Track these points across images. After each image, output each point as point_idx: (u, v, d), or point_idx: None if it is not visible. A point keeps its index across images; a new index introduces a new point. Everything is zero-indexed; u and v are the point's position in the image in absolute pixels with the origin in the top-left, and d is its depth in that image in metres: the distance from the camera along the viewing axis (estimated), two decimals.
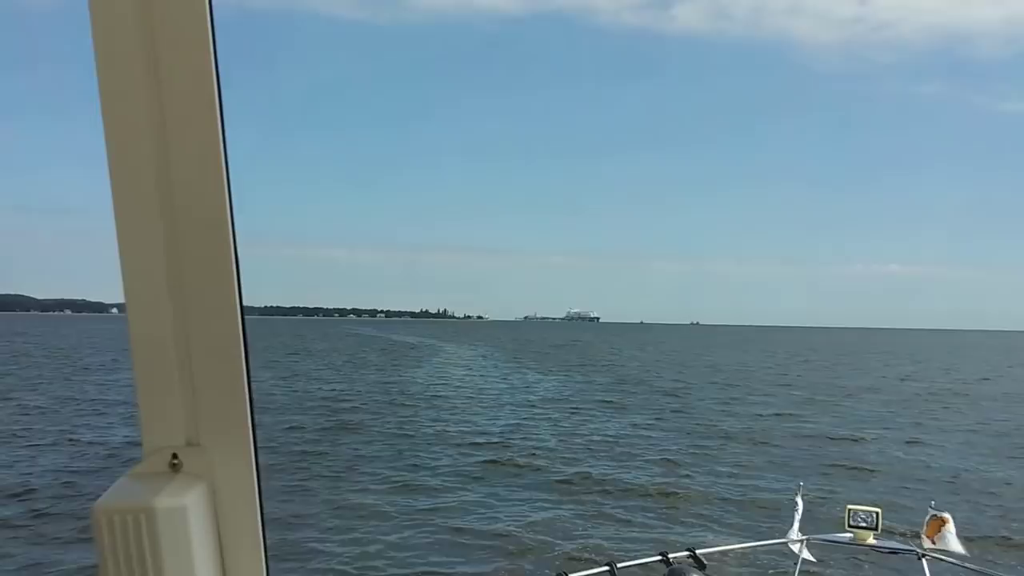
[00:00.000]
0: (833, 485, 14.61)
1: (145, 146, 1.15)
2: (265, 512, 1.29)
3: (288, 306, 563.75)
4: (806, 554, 4.96)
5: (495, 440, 19.33)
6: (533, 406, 27.26)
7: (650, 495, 13.84)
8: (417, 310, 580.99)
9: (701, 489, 14.34)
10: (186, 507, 1.17)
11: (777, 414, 25.79)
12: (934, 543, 4.67)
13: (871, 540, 4.75)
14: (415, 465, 16.15)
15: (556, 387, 35.43)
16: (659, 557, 4.33)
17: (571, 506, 13.01)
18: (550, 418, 23.91)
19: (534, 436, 20.16)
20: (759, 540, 6.26)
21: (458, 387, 34.35)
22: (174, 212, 1.17)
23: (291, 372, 41.38)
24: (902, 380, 43.23)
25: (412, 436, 19.87)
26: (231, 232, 1.20)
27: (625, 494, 13.90)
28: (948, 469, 16.88)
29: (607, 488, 14.31)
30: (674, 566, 4.10)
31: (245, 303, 1.23)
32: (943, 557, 4.65)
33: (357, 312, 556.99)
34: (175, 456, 1.23)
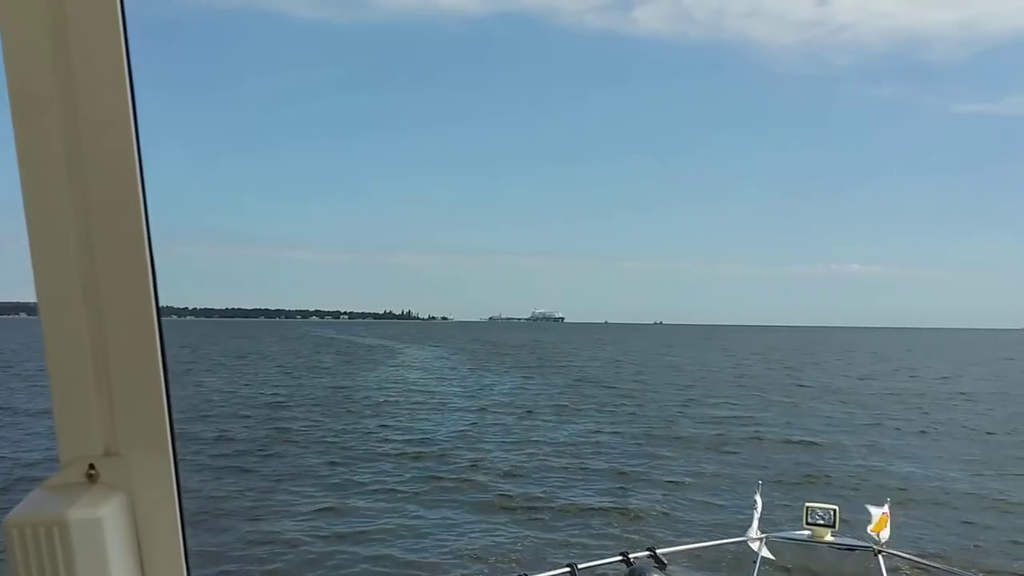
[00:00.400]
0: (783, 491, 13.87)
1: (55, 146, 1.13)
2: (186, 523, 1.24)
3: (250, 308, 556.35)
4: (765, 552, 5.01)
5: (437, 451, 18.28)
6: (484, 410, 26.35)
7: (596, 513, 12.88)
8: (381, 311, 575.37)
9: (647, 506, 13.37)
10: (102, 519, 1.14)
11: (733, 416, 25.17)
12: (879, 537, 4.79)
13: (828, 537, 4.83)
14: (346, 482, 14.93)
15: (510, 390, 34.54)
16: (620, 557, 4.34)
17: (510, 528, 11.97)
18: (499, 424, 23.01)
19: (478, 446, 19.13)
20: (719, 539, 6.32)
21: (408, 391, 33.20)
22: (88, 215, 1.15)
23: (238, 377, 39.93)
24: (861, 379, 43.14)
25: (349, 447, 18.73)
26: (146, 235, 1.18)
27: (569, 514, 12.83)
28: (897, 473, 16.43)
29: (551, 506, 13.27)
30: (635, 566, 4.12)
31: (202, 305, 0.87)
32: (898, 553, 4.78)
33: (320, 314, 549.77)
34: (92, 466, 1.20)
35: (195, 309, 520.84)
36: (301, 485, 14.51)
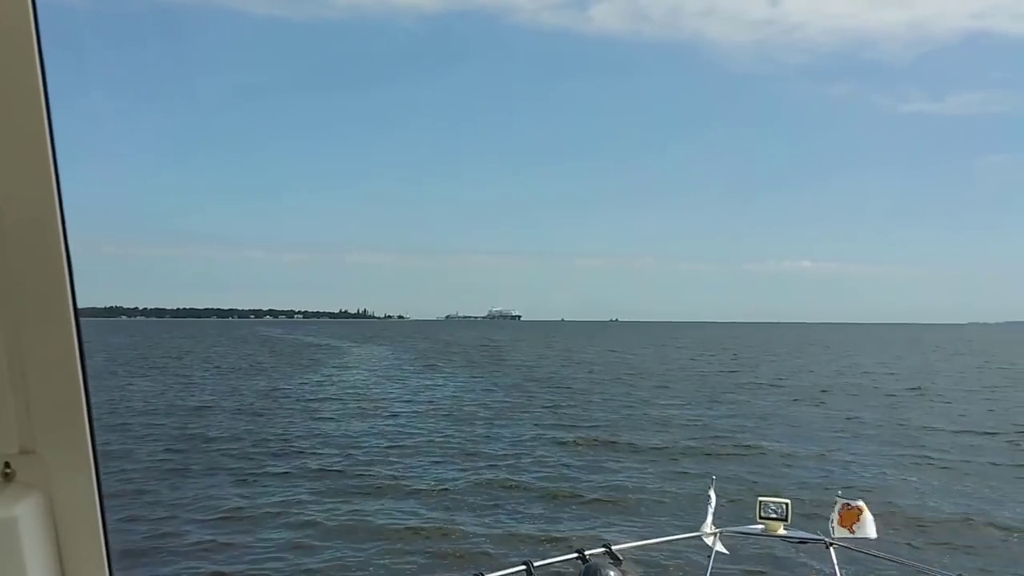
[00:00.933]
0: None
1: None
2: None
3: (203, 308, 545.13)
4: (719, 546, 5.07)
5: (356, 465, 17.16)
6: (418, 415, 25.52)
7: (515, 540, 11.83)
8: (337, 310, 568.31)
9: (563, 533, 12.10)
10: (17, 518, 1.14)
11: (674, 413, 24.99)
12: (852, 531, 4.82)
13: (781, 531, 4.90)
14: (238, 508, 13.46)
15: (452, 391, 33.74)
16: (575, 554, 4.36)
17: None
18: (429, 430, 22.14)
19: (401, 460, 17.95)
20: (674, 534, 6.39)
21: (345, 394, 32.27)
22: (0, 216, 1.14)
23: (171, 379, 38.67)
24: (796, 372, 43.54)
25: (259, 459, 17.71)
26: (62, 235, 1.17)
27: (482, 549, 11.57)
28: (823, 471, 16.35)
29: (465, 535, 12.00)
30: (590, 562, 4.14)
31: (153, 305, 0.85)
32: (848, 545, 4.84)
33: (274, 313, 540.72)
34: (7, 464, 1.20)
35: (146, 309, 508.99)
36: (193, 512, 13.23)
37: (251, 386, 35.40)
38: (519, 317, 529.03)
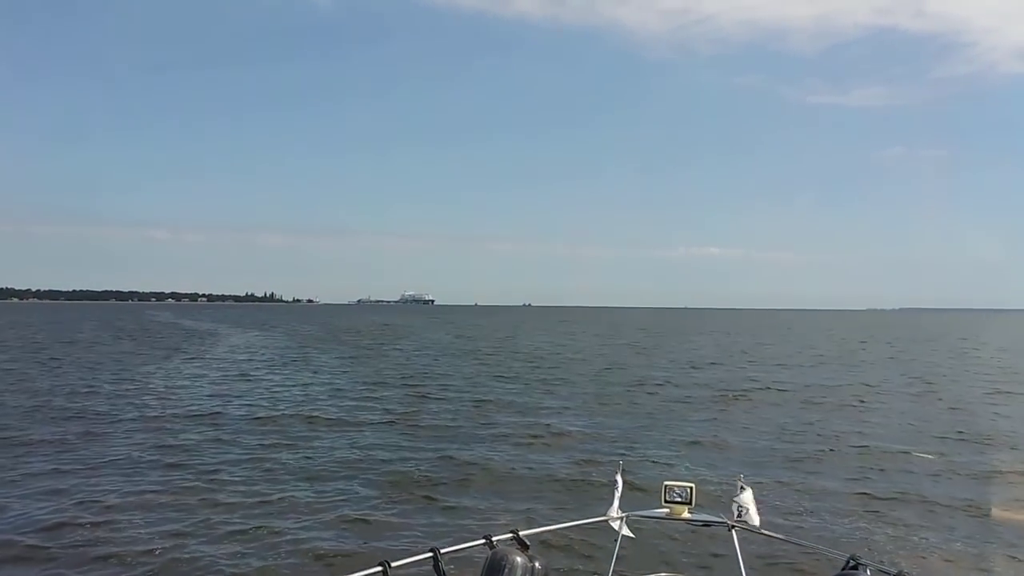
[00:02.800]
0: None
1: None
2: None
3: (100, 290, 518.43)
4: (626, 531, 5.16)
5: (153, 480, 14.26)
6: (259, 420, 21.86)
7: None
8: (243, 294, 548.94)
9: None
10: None
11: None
12: (739, 515, 4.93)
13: (686, 514, 4.99)
14: None
15: (321, 385, 30.87)
16: (483, 540, 4.36)
17: None
18: (247, 443, 18.79)
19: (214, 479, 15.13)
20: (580, 519, 6.09)
21: (190, 389, 28.64)
22: None
23: (6, 372, 34.40)
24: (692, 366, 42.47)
25: (21, 482, 14.78)
26: None
27: None
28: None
29: None
30: (497, 548, 4.16)
31: (47, 287, 0.74)
32: (749, 527, 4.95)
33: (177, 296, 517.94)
34: None
35: (39, 291, 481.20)
36: None
37: (80, 380, 31.49)
38: (432, 301, 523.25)
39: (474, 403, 24.87)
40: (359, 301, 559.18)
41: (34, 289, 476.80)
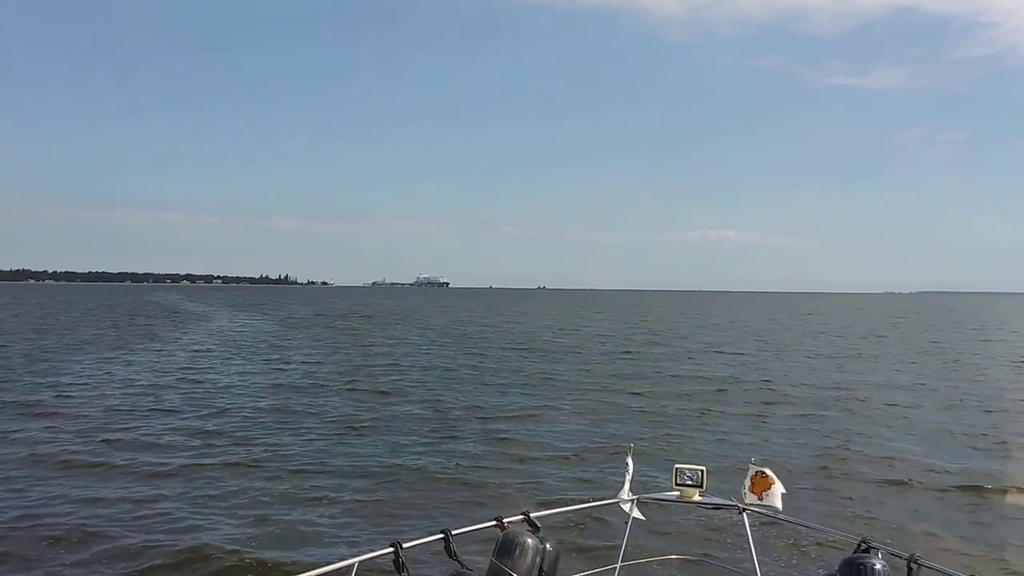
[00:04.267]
0: None
1: None
2: None
3: (116, 272, 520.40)
4: (636, 513, 5.07)
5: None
6: (207, 416, 19.28)
7: None
8: (257, 276, 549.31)
9: None
10: None
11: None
12: (761, 499, 4.84)
13: (697, 497, 4.95)
14: None
15: (295, 374, 28.42)
16: (494, 522, 4.34)
17: None
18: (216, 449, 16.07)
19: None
20: (592, 501, 6.37)
21: (137, 383, 25.36)
22: None
23: None
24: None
25: None
26: None
27: None
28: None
29: None
30: (508, 530, 4.15)
31: (64, 269, 0.74)
32: (761, 511, 4.88)
33: (192, 278, 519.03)
34: None
35: (55, 272, 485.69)
36: None
37: (53, 367, 28.62)
38: (447, 284, 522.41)
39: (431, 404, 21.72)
40: (374, 284, 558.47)
41: (51, 271, 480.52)
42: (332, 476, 13.26)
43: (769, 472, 4.90)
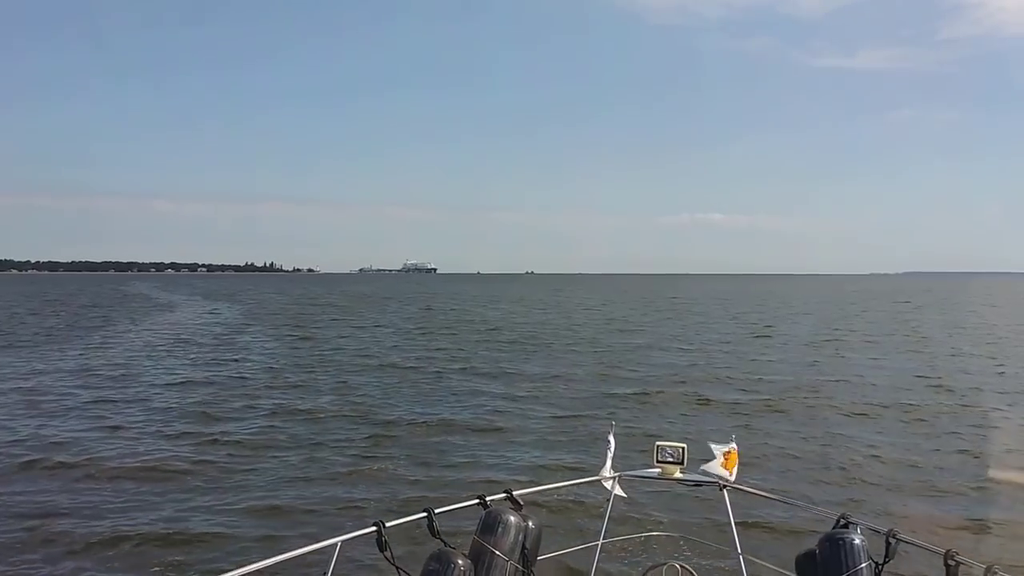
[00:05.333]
0: None
1: None
2: None
3: (99, 261, 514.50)
4: (618, 490, 5.09)
5: None
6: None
7: None
8: (243, 263, 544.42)
9: None
10: None
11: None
12: (731, 475, 4.87)
13: (678, 474, 4.95)
14: None
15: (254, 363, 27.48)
16: (477, 500, 4.32)
17: None
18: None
19: None
20: (573, 479, 6.27)
21: (65, 384, 22.96)
22: None
23: None
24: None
25: None
26: None
27: None
28: None
29: None
30: (491, 508, 4.15)
31: (46, 258, 0.75)
32: (742, 488, 4.95)
33: (176, 266, 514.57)
34: None
35: (38, 262, 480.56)
36: None
37: None
38: (435, 270, 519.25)
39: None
40: (360, 270, 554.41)
41: (33, 260, 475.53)
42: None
43: (732, 447, 4.89)
